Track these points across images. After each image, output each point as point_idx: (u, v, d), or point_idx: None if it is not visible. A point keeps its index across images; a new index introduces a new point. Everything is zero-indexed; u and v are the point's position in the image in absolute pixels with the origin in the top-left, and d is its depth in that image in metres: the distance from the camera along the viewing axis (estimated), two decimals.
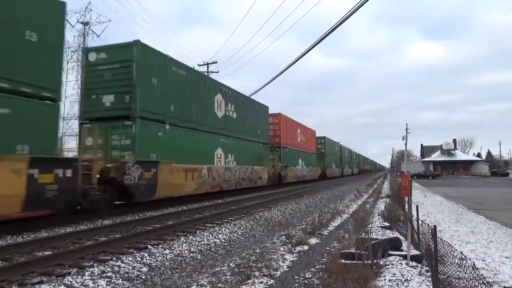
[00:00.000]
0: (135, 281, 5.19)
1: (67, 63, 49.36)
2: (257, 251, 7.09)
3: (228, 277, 5.30)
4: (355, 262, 5.40)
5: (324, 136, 45.58)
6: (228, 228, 9.36)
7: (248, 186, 21.32)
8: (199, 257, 6.70)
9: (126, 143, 12.16)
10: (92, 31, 50.86)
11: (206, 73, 31.14)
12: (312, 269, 5.82)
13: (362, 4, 14.24)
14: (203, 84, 16.73)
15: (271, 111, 26.80)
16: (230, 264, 6.06)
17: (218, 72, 34.38)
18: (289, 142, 29.76)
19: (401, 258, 5.52)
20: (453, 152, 76.24)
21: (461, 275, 3.60)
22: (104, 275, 5.29)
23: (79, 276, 5.14)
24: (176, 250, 6.92)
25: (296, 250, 7.09)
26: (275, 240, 8.21)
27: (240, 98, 20.94)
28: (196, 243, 7.61)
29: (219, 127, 17.95)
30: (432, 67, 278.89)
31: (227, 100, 18.98)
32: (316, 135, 43.54)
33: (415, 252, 5.74)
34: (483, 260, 6.17)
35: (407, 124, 56.36)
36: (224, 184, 18.10)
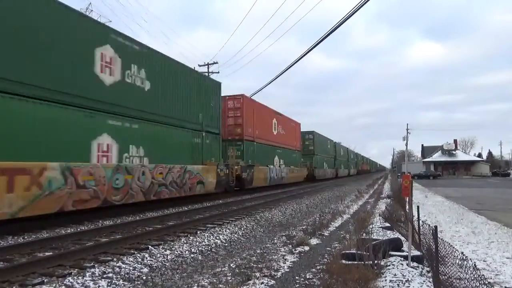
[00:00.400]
0: (136, 282, 5.20)
1: None
2: (258, 251, 7.09)
3: (229, 278, 5.30)
4: (356, 262, 5.39)
5: (313, 131, 39.07)
6: (228, 229, 9.36)
7: (176, 195, 13.88)
8: (200, 258, 6.70)
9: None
10: None
11: (206, 74, 31.13)
12: (313, 269, 5.82)
13: (363, 5, 14.25)
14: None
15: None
16: (231, 265, 6.06)
17: (218, 72, 34.41)
18: (258, 134, 23.17)
19: (402, 258, 5.52)
20: (454, 152, 76.21)
21: (462, 275, 3.60)
22: (105, 275, 5.29)
23: (80, 277, 5.14)
24: (177, 251, 6.92)
25: (297, 251, 7.09)
26: (275, 241, 8.21)
27: (162, 63, 13.69)
28: (197, 243, 7.62)
29: (105, 100, 10.97)
30: (433, 67, 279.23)
31: (129, 60, 11.97)
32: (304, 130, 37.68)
33: (416, 252, 5.73)
34: (484, 261, 6.16)
35: (407, 124, 56.40)
36: (116, 195, 10.89)
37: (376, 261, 5.30)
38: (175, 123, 14.33)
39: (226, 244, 7.89)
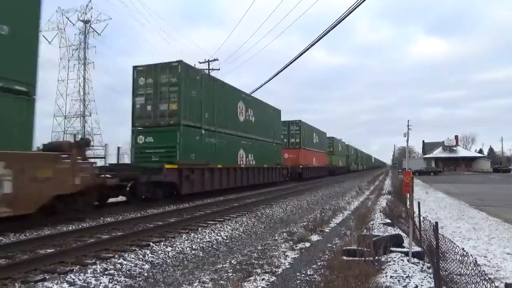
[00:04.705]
0: (137, 279, 5.21)
1: (68, 60, 49.32)
2: (259, 248, 7.11)
3: (230, 274, 5.31)
4: (356, 258, 5.40)
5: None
6: (229, 225, 9.37)
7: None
8: (201, 254, 6.72)
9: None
10: (93, 29, 50.81)
11: (206, 71, 31.08)
12: (314, 266, 5.83)
13: (364, 0, 14.16)
14: None
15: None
16: (232, 261, 6.07)
17: (219, 69, 34.33)
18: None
19: (403, 254, 5.53)
20: (455, 148, 76.13)
21: (462, 271, 3.60)
22: (106, 272, 5.31)
23: (81, 274, 5.16)
24: (178, 248, 6.94)
25: (298, 247, 7.10)
26: (276, 237, 8.23)
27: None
28: (198, 240, 7.63)
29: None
30: (436, 63, 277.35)
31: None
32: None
33: (416, 248, 5.74)
34: (484, 257, 6.17)
35: (408, 120, 56.20)
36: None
37: (377, 257, 5.30)
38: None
39: (227, 241, 7.91)
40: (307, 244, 7.36)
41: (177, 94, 14.05)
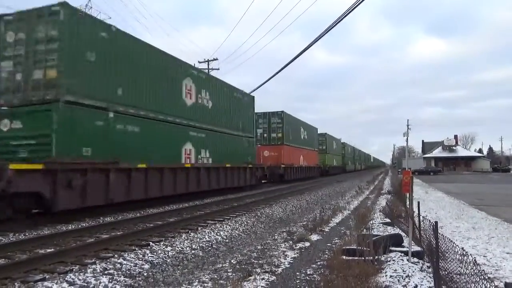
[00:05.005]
0: (137, 278, 5.21)
1: None
2: (259, 247, 7.11)
3: (230, 274, 5.31)
4: (356, 258, 5.41)
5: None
6: (229, 225, 9.37)
7: None
8: (200, 254, 6.72)
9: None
10: None
11: (206, 70, 31.05)
12: (314, 265, 5.84)
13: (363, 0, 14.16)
14: None
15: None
16: (232, 261, 6.07)
17: (218, 69, 34.29)
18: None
19: (403, 254, 5.53)
20: (454, 148, 76.16)
21: (462, 271, 3.61)
22: (106, 272, 5.30)
23: (81, 273, 5.15)
24: (178, 247, 6.94)
25: (298, 247, 7.10)
26: (276, 237, 8.23)
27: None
28: (198, 240, 7.63)
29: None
30: (436, 63, 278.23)
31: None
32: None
33: (416, 248, 5.74)
34: (484, 256, 6.17)
35: (408, 120, 56.19)
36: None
37: (376, 257, 5.31)
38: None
39: (227, 240, 7.91)
40: (307, 244, 7.36)
41: (57, 54, 9.27)
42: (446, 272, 4.12)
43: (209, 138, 16.18)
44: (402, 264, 5.12)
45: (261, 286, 4.83)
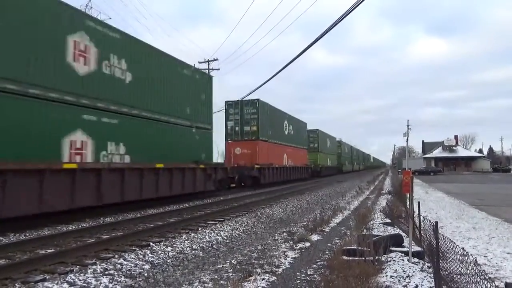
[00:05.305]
0: (137, 279, 5.21)
1: None
2: (259, 248, 7.11)
3: (230, 274, 5.31)
4: (356, 258, 5.40)
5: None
6: (229, 225, 9.37)
7: None
8: (201, 254, 6.72)
9: None
10: None
11: (206, 71, 31.05)
12: (314, 265, 5.83)
13: (362, 1, 14.15)
14: None
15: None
16: (232, 261, 6.07)
17: (218, 69, 34.25)
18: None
19: (403, 254, 5.53)
20: (454, 148, 76.14)
21: (463, 271, 3.61)
22: (106, 272, 5.31)
23: (81, 274, 5.16)
24: (178, 248, 6.94)
25: (298, 247, 7.10)
26: (276, 237, 8.23)
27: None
28: (198, 240, 7.63)
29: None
30: (436, 63, 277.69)
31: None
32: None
33: (416, 248, 5.74)
34: (485, 256, 6.17)
35: (408, 120, 56.18)
36: None
37: (377, 257, 5.30)
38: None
39: (227, 241, 7.91)
40: (307, 244, 7.36)
41: None
42: (446, 272, 4.12)
43: (126, 126, 11.28)
44: (403, 264, 5.12)
45: (262, 286, 4.83)
